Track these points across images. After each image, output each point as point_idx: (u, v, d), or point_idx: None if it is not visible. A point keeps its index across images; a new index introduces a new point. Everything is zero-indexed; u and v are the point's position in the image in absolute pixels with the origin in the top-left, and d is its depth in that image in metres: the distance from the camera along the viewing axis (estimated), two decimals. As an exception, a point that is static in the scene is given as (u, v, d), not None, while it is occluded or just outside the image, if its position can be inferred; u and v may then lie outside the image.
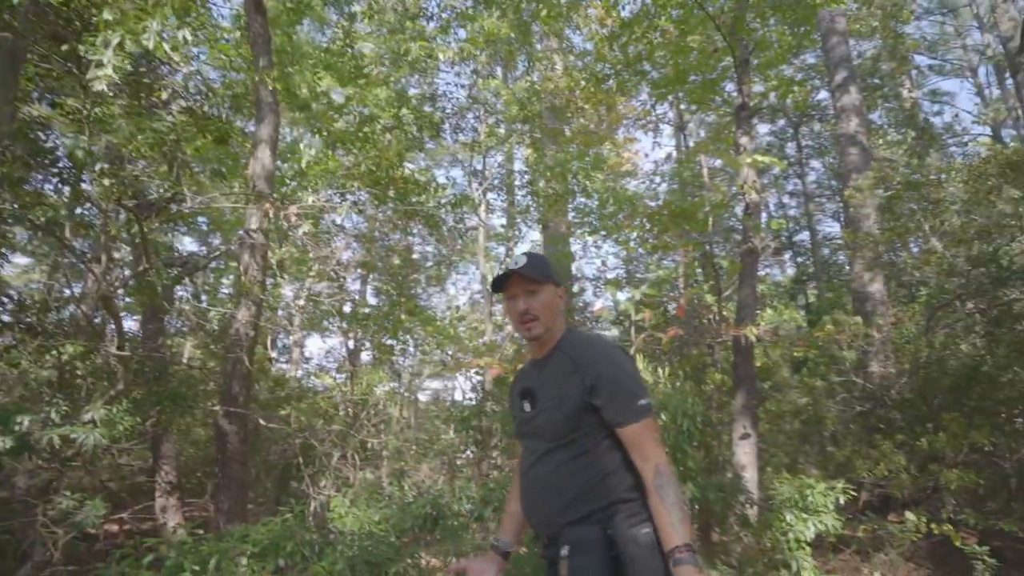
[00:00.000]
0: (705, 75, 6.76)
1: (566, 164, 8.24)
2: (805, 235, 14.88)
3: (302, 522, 4.31)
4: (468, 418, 5.12)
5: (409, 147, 7.72)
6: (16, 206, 5.04)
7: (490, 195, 9.50)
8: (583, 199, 8.75)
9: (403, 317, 7.43)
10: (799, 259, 15.40)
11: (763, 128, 14.65)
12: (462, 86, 9.69)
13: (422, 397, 11.75)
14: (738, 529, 4.28)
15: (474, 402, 6.24)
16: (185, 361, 7.72)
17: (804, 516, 3.92)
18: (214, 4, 7.77)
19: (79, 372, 5.07)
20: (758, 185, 6.10)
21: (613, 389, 1.51)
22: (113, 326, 4.96)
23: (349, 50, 7.82)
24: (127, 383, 4.45)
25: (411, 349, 8.93)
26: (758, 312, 6.46)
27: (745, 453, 5.23)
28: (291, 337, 11.66)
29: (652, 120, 10.92)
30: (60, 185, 5.82)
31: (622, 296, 8.46)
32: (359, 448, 6.41)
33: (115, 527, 6.30)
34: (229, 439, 4.62)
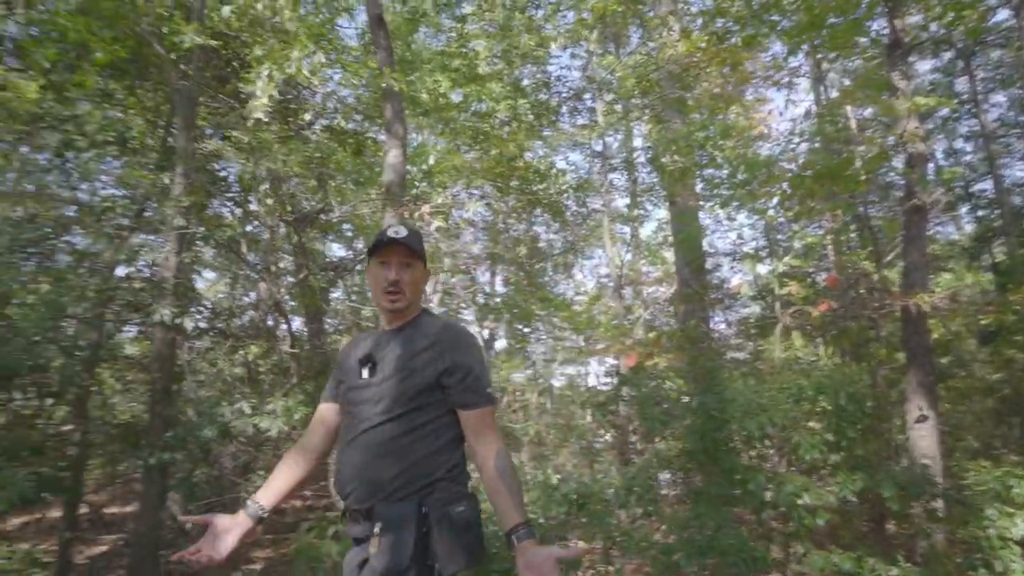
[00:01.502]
0: (847, 15, 5.99)
1: (691, 134, 7.78)
2: (987, 184, 12.68)
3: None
4: (605, 403, 5.10)
5: (527, 137, 7.80)
6: (202, 228, 5.91)
7: (612, 176, 9.30)
8: (712, 170, 8.22)
9: (534, 306, 7.55)
10: (980, 212, 13.16)
11: (923, 66, 12.67)
12: (575, 68, 9.56)
13: (556, 383, 11.90)
14: (924, 524, 3.80)
15: (610, 387, 6.20)
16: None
17: (1009, 511, 3.38)
18: (340, 26, 8.42)
19: (261, 369, 5.83)
20: (921, 132, 5.31)
21: (467, 373, 1.56)
22: (284, 327, 5.63)
23: (464, 50, 8.06)
24: (299, 376, 5.03)
25: (543, 336, 9.06)
26: (930, 277, 5.65)
27: (923, 437, 4.62)
28: (431, 329, 12.33)
29: (785, 75, 9.92)
30: (233, 207, 6.71)
31: (762, 270, 7.86)
32: (504, 433, 6.65)
33: (298, 503, 7.20)
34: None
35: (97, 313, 5.61)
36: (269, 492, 1.64)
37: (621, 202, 12.85)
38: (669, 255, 14.25)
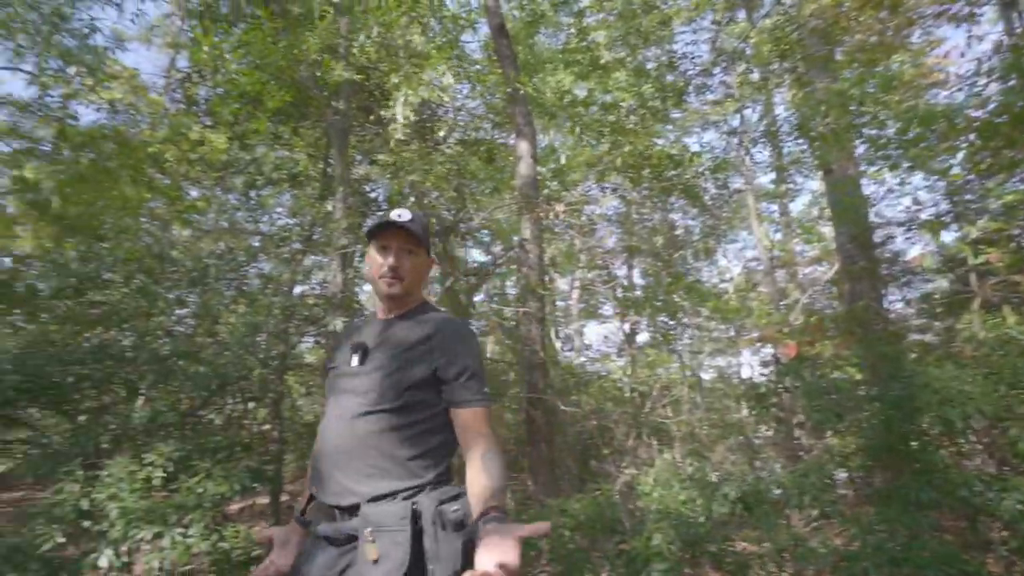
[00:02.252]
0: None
1: (844, 92, 6.95)
2: None
3: (610, 499, 4.57)
4: (766, 395, 4.74)
5: (656, 122, 7.52)
6: (360, 246, 6.52)
7: (753, 151, 8.62)
8: (874, 130, 7.26)
9: (677, 297, 7.26)
10: None
11: None
12: (702, 42, 9.02)
13: (705, 376, 11.31)
14: None
15: (769, 378, 5.75)
16: (489, 356, 8.91)
17: None
18: (465, 42, 8.80)
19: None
20: None
21: (464, 369, 1.47)
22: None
23: (584, 44, 8.00)
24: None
25: (688, 327, 8.68)
26: None
27: None
28: (571, 326, 12.47)
29: (963, 5, 8.46)
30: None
31: (947, 238, 6.78)
32: (652, 429, 6.49)
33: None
34: (537, 423, 5.16)
35: (283, 328, 6.45)
36: (307, 499, 1.59)
37: (765, 179, 11.87)
38: (827, 230, 12.86)
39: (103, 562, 3.20)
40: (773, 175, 10.52)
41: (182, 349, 4.81)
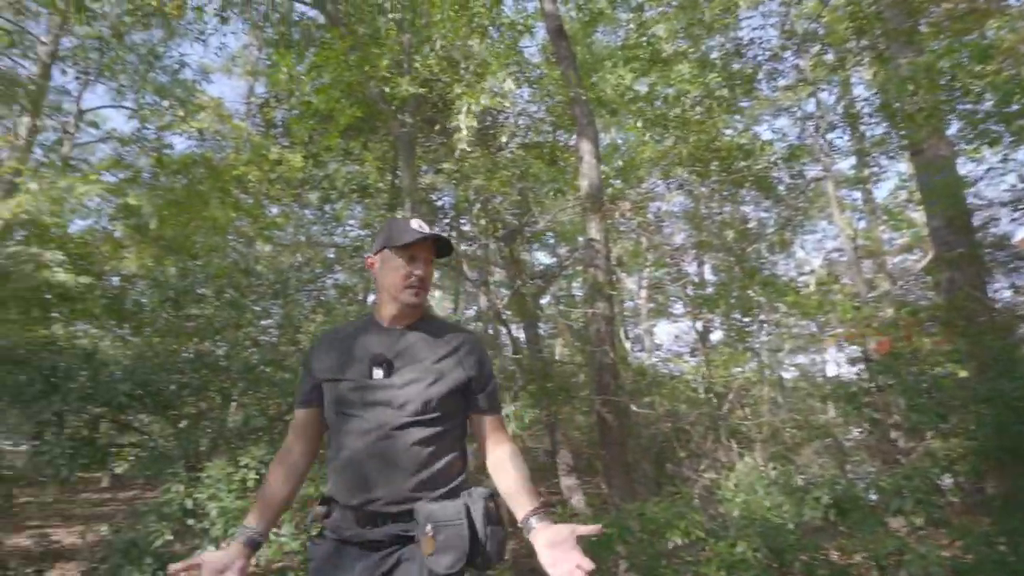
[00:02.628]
0: None
1: (932, 67, 6.43)
2: None
3: (689, 503, 4.42)
4: (856, 395, 4.43)
5: (723, 113, 7.25)
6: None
7: (831, 136, 8.13)
8: (969, 104, 6.67)
9: (752, 292, 6.95)
10: None
11: None
12: (770, 26, 8.61)
13: (786, 375, 10.76)
14: None
15: (859, 376, 5.38)
16: (557, 358, 8.89)
17: None
18: (523, 46, 8.85)
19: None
20: None
21: (490, 380, 1.61)
22: (505, 335, 6.06)
23: (644, 39, 7.85)
24: (524, 381, 5.36)
25: (765, 324, 8.29)
26: None
27: None
28: (640, 326, 12.22)
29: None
30: (451, 231, 7.48)
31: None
32: (731, 431, 6.25)
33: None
34: (609, 425, 5.09)
35: (359, 335, 6.71)
36: (261, 514, 1.56)
37: (845, 164, 11.17)
38: (917, 216, 11.90)
39: (206, 557, 3.44)
40: (854, 160, 9.88)
41: (268, 358, 5.10)
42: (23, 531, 5.35)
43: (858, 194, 12.02)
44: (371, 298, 7.56)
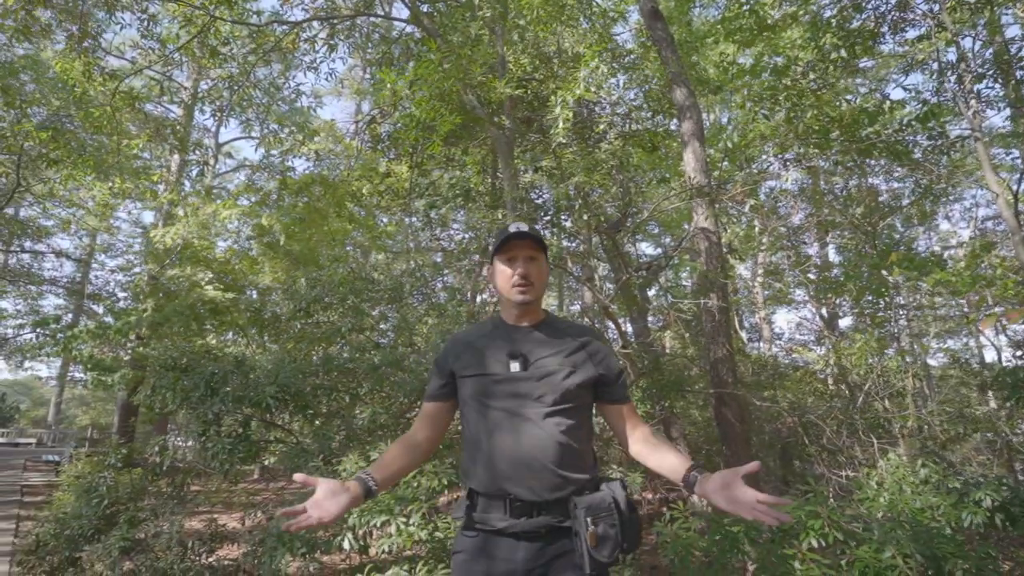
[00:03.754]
0: None
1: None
2: None
3: (825, 502, 4.09)
4: (1026, 383, 3.85)
5: (843, 76, 6.60)
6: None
7: (979, 87, 7.08)
8: None
9: (887, 273, 6.27)
10: None
11: None
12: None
13: (932, 362, 9.61)
14: None
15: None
16: (668, 351, 8.62)
17: None
18: (616, 33, 8.65)
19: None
20: None
21: (620, 372, 1.67)
22: (613, 329, 5.98)
23: (746, 7, 7.36)
24: (636, 375, 5.26)
25: (905, 307, 7.45)
26: None
27: None
28: (757, 315, 11.50)
29: None
30: (552, 228, 7.50)
31: None
32: (869, 425, 5.70)
33: (649, 495, 7.48)
34: (728, 420, 4.85)
35: (469, 335, 6.95)
36: (382, 469, 1.59)
37: (997, 120, 9.72)
38: (1097, 171, 10.07)
39: (346, 544, 3.74)
40: (1008, 113, 8.55)
41: (388, 359, 5.43)
42: (196, 516, 6.15)
43: (1016, 151, 10.44)
44: (479, 298, 7.79)
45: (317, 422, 5.39)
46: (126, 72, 8.01)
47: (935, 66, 7.43)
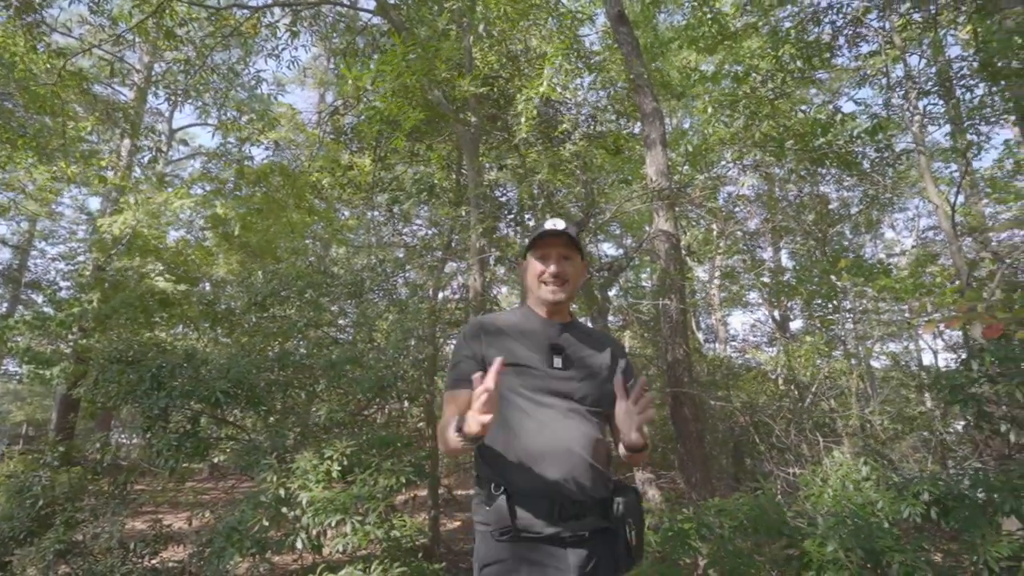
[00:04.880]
0: None
1: (1044, 19, 5.77)
2: None
3: (772, 499, 4.23)
4: (961, 385, 4.07)
5: (799, 87, 6.84)
6: (495, 250, 6.77)
7: (923, 103, 7.46)
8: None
9: (836, 278, 6.53)
10: None
11: None
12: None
13: (876, 364, 10.07)
14: None
15: (962, 365, 4.93)
16: (627, 350, 8.75)
17: None
18: (583, 35, 8.71)
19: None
20: None
21: (634, 378, 1.60)
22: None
23: (709, 16, 7.53)
24: (594, 374, 5.31)
25: (851, 311, 7.78)
26: None
27: None
28: (713, 316, 11.81)
29: None
30: (515, 226, 7.51)
31: None
32: (816, 424, 5.92)
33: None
34: (684, 418, 4.96)
35: (430, 332, 6.88)
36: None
37: (939, 134, 10.26)
38: (1027, 186, 10.74)
39: (298, 544, 3.65)
40: (949, 129, 9.04)
41: (347, 355, 5.33)
42: (139, 516, 5.90)
43: (955, 166, 11.02)
44: (441, 295, 7.73)
45: (271, 419, 5.25)
46: (74, 51, 7.60)
47: (884, 81, 7.77)
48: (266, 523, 3.77)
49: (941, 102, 8.04)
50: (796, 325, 9.91)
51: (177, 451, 4.47)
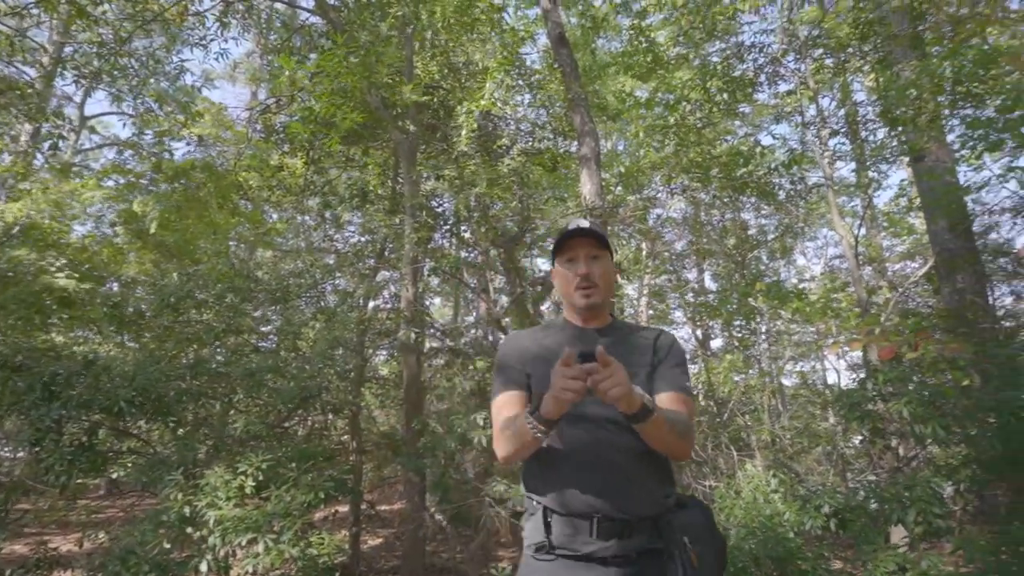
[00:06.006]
0: None
1: (935, 72, 6.44)
2: None
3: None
4: (858, 403, 4.40)
5: (724, 118, 7.26)
6: (428, 260, 6.69)
7: (833, 142, 8.12)
8: (971, 110, 6.67)
9: (753, 301, 6.93)
10: None
11: None
12: (772, 31, 8.63)
13: (787, 382, 10.74)
14: None
15: (860, 384, 5.36)
16: (558, 365, 8.86)
17: None
18: (525, 53, 8.86)
19: (489, 382, 6.35)
20: None
21: (678, 360, 1.52)
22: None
23: (645, 45, 7.87)
24: (524, 388, 5.33)
25: (766, 332, 8.26)
26: None
27: None
28: (641, 333, 12.13)
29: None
30: (451, 238, 7.47)
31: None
32: (732, 438, 6.22)
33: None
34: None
35: (359, 342, 6.69)
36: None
37: (846, 170, 11.18)
38: (917, 222, 11.90)
39: (203, 567, 3.41)
40: (854, 166, 9.90)
41: (268, 364, 5.09)
42: (20, 539, 5.32)
43: (858, 201, 12.04)
44: (372, 304, 7.55)
45: (180, 431, 4.91)
46: (-34, 21, 6.91)
47: (799, 119, 8.38)
48: (167, 545, 3.51)
49: (848, 142, 8.78)
50: (717, 344, 10.42)
51: (71, 466, 4.08)
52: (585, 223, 1.52)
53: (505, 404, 1.48)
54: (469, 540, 5.70)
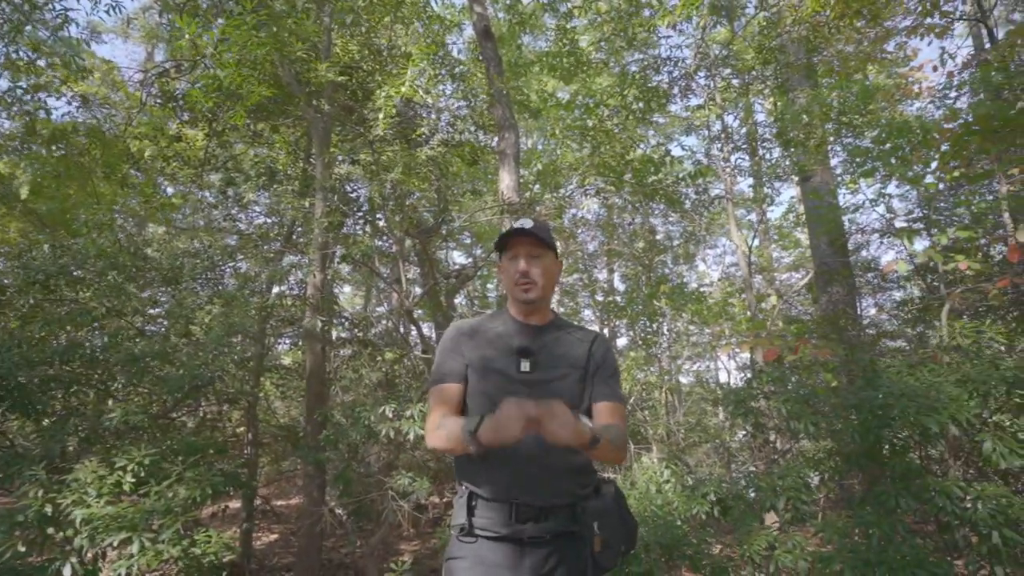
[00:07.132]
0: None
1: (823, 102, 7.09)
2: None
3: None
4: (743, 400, 4.77)
5: (639, 125, 7.56)
6: (339, 247, 6.45)
7: (735, 157, 8.72)
8: (851, 139, 7.42)
9: (657, 302, 7.29)
10: None
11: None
12: (686, 47, 9.12)
13: (684, 380, 11.43)
14: None
15: (746, 383, 5.81)
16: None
17: None
18: (452, 43, 8.75)
19: (398, 374, 6.24)
20: None
21: (614, 372, 1.62)
22: (415, 334, 5.96)
23: (568, 47, 8.02)
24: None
25: (667, 332, 8.73)
26: None
27: None
28: (551, 329, 12.40)
29: (937, 22, 8.69)
30: (364, 225, 7.24)
31: (920, 245, 6.94)
32: (631, 432, 6.52)
33: (437, 499, 7.59)
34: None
35: (260, 329, 6.33)
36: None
37: (744, 185, 12.06)
38: (803, 238, 13.09)
39: (67, 571, 3.09)
40: (752, 181, 10.70)
41: (155, 350, 4.69)
42: None
43: (754, 214, 13.01)
44: (276, 290, 7.17)
45: (45, 422, 4.41)
46: None
47: (706, 133, 8.91)
48: (22, 548, 3.14)
49: (748, 158, 9.46)
50: (622, 342, 10.88)
51: (-98, 461, 3.54)
52: (529, 223, 1.60)
53: (440, 400, 1.57)
54: (369, 535, 5.59)
